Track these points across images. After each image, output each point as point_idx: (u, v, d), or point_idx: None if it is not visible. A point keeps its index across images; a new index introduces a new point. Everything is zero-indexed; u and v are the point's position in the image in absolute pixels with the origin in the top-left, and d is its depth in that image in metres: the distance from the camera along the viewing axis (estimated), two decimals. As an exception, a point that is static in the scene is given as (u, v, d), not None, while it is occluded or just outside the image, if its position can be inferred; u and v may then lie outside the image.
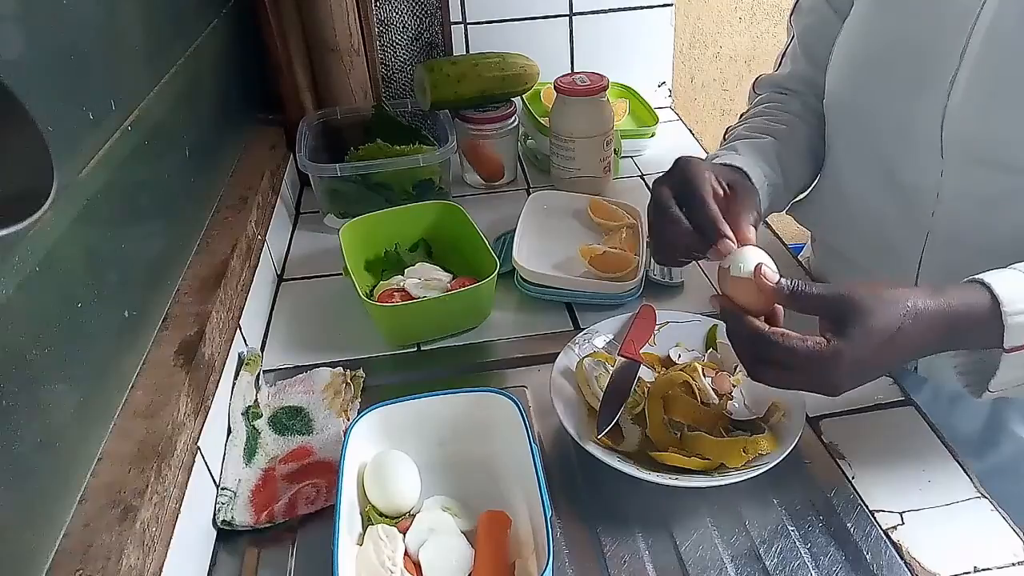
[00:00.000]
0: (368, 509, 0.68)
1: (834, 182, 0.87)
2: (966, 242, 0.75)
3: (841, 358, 0.58)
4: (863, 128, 0.81)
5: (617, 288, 0.93)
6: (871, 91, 0.79)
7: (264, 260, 0.99)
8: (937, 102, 0.72)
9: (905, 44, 0.76)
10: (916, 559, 0.64)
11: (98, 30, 0.70)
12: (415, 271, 0.97)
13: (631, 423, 0.76)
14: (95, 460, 0.60)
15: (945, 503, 0.68)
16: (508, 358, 0.89)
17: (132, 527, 0.55)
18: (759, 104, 0.94)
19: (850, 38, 0.82)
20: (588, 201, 1.09)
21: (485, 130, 1.20)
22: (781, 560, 0.65)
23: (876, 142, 0.80)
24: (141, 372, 0.69)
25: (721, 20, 1.68)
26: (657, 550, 0.67)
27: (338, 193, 1.14)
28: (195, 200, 0.91)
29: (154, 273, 0.76)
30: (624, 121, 1.35)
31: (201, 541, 0.68)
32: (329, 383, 0.84)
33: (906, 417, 0.77)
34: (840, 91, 0.83)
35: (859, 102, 0.81)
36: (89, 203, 0.62)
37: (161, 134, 0.80)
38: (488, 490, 0.71)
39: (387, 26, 1.30)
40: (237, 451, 0.76)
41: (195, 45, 0.95)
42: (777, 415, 0.74)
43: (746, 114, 0.95)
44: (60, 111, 0.60)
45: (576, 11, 1.35)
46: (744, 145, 0.83)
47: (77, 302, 0.59)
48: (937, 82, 0.72)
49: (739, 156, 0.80)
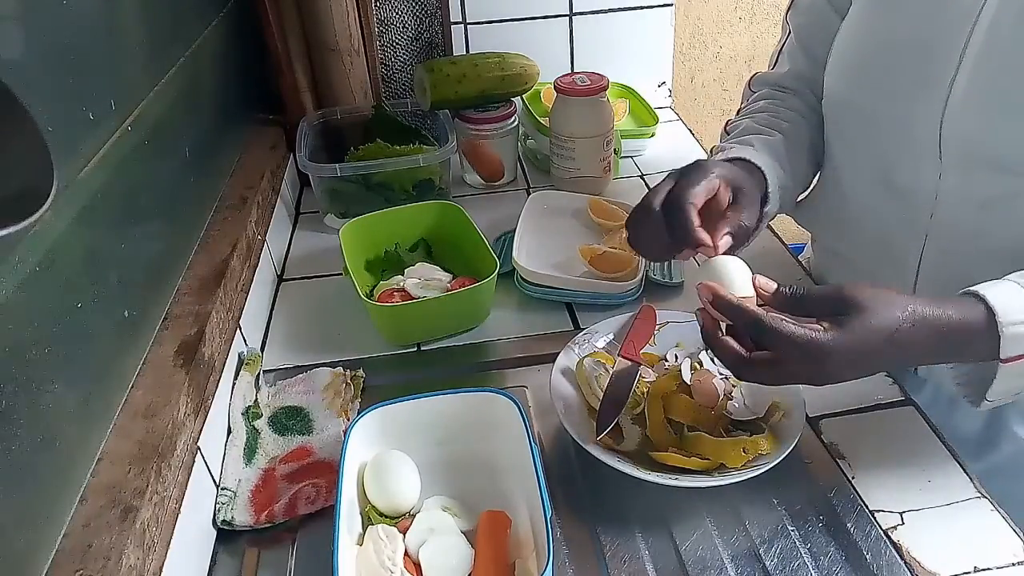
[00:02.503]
0: (368, 509, 0.68)
1: (833, 182, 0.87)
2: (964, 244, 0.75)
3: (838, 346, 0.58)
4: (862, 129, 0.81)
5: (617, 288, 0.93)
6: (869, 92, 0.79)
7: (264, 260, 0.99)
8: (936, 103, 0.72)
9: (904, 45, 0.75)
10: (916, 559, 0.64)
11: (98, 30, 0.70)
12: (415, 271, 0.97)
13: (631, 423, 0.76)
14: (95, 460, 0.60)
15: (945, 503, 0.68)
16: (508, 358, 0.89)
17: (132, 527, 0.55)
18: (758, 100, 0.93)
19: (849, 38, 0.82)
20: (588, 201, 1.09)
21: (485, 130, 1.20)
22: (781, 560, 0.65)
23: (875, 143, 0.80)
24: (141, 372, 0.69)
25: (721, 20, 1.68)
26: (657, 550, 0.67)
27: (338, 193, 1.14)
28: (195, 200, 0.91)
29: (154, 273, 0.76)
30: (624, 121, 1.35)
31: (201, 541, 0.68)
32: (329, 383, 0.84)
33: (906, 417, 0.77)
34: (838, 91, 0.83)
35: (857, 103, 0.80)
36: (89, 203, 0.62)
37: (161, 134, 0.80)
38: (488, 490, 0.70)
39: (387, 26, 1.30)
40: (237, 451, 0.76)
41: (195, 45, 0.95)
42: (777, 415, 0.74)
43: (744, 109, 0.94)
44: (60, 111, 0.60)
45: (576, 11, 1.35)
46: (759, 141, 0.83)
47: (77, 302, 0.59)
48: (936, 83, 0.72)
49: (757, 154, 0.80)
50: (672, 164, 1.25)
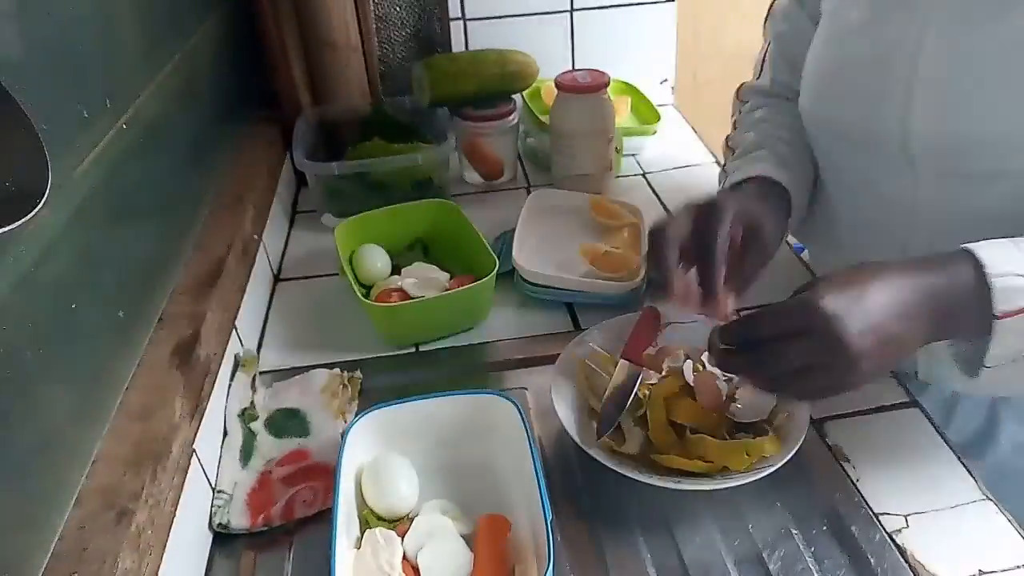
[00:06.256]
0: (366, 512, 0.68)
1: (823, 195, 0.87)
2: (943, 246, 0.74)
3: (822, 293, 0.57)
4: (836, 143, 0.81)
5: (618, 288, 0.92)
6: (836, 104, 0.79)
7: (260, 260, 0.98)
8: (897, 114, 0.71)
9: (860, 58, 0.75)
10: (921, 562, 0.63)
11: (93, 27, 0.69)
12: (412, 271, 0.96)
13: (633, 425, 0.76)
14: (90, 462, 0.59)
15: (950, 506, 0.68)
16: (508, 359, 0.88)
17: (127, 530, 0.54)
18: (756, 109, 0.93)
19: (814, 52, 0.82)
20: (589, 200, 1.08)
21: (484, 128, 1.19)
22: (784, 564, 0.64)
23: (849, 156, 0.80)
24: (136, 373, 0.68)
25: (723, 16, 1.67)
26: (659, 554, 0.66)
27: (335, 192, 1.13)
28: (191, 199, 0.91)
29: (149, 273, 0.76)
30: (625, 119, 1.34)
31: (197, 545, 0.67)
32: (326, 385, 0.83)
33: (910, 419, 0.76)
34: (810, 102, 0.83)
35: (827, 114, 0.81)
36: (84, 202, 0.62)
37: (156, 132, 0.79)
38: (488, 493, 0.70)
39: (385, 22, 1.29)
40: (233, 454, 0.75)
41: (191, 42, 0.94)
42: (780, 417, 0.73)
43: (742, 123, 0.94)
44: (55, 109, 0.59)
45: (577, 7, 1.34)
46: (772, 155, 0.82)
47: (71, 302, 0.59)
48: (895, 94, 0.71)
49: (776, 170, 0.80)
50: (674, 162, 1.28)
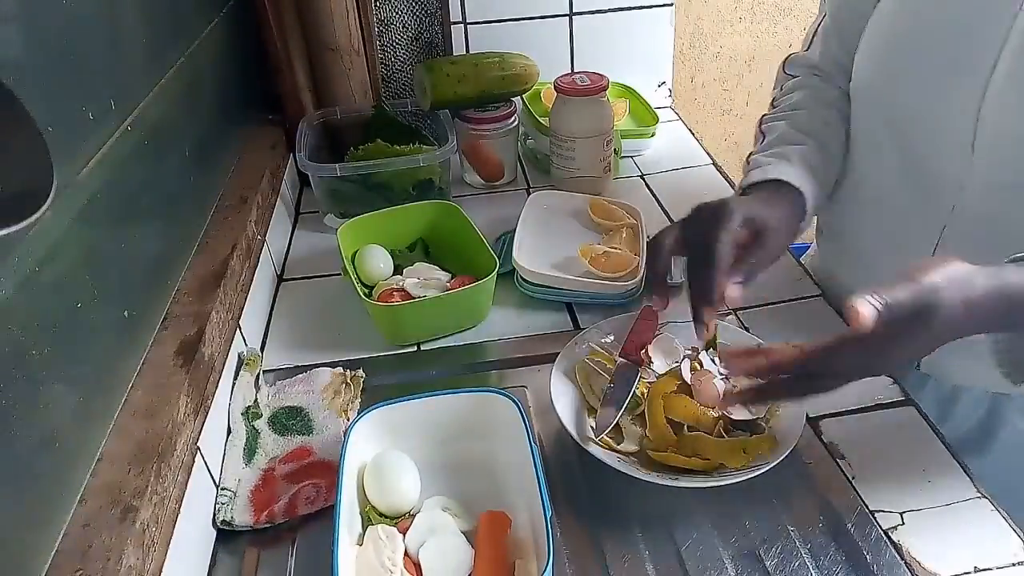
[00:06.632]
0: (368, 509, 0.68)
1: (851, 167, 0.85)
2: (980, 238, 0.72)
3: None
4: (889, 117, 0.78)
5: (617, 288, 0.93)
6: (901, 78, 0.75)
7: (264, 260, 0.99)
8: (974, 93, 0.68)
9: (942, 29, 0.71)
10: (916, 559, 0.64)
11: (98, 29, 0.69)
12: (414, 271, 0.97)
13: (631, 423, 0.76)
14: (95, 460, 0.60)
15: (945, 503, 0.68)
16: (508, 358, 0.89)
17: (132, 527, 0.55)
18: (796, 89, 0.91)
19: (882, 20, 0.78)
20: (588, 201, 1.09)
21: (485, 130, 1.19)
22: (781, 560, 0.65)
23: (902, 132, 0.77)
24: (141, 372, 0.69)
25: (721, 20, 1.68)
26: (657, 550, 0.67)
27: (338, 193, 1.13)
28: (195, 200, 0.91)
29: (154, 273, 0.76)
30: (624, 121, 1.35)
31: (201, 541, 0.68)
32: (329, 383, 0.84)
33: (906, 417, 0.77)
34: (868, 76, 0.80)
35: (888, 89, 0.77)
36: (89, 203, 0.62)
37: (161, 134, 0.80)
38: (488, 490, 0.70)
39: (387, 26, 1.30)
40: (237, 451, 0.76)
41: (195, 44, 0.95)
42: (777, 415, 0.74)
43: (782, 98, 0.92)
44: (59, 111, 0.60)
45: (576, 11, 1.35)
46: (797, 154, 0.81)
47: (77, 302, 0.59)
48: (975, 71, 0.68)
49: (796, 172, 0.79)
50: (672, 164, 1.28)
